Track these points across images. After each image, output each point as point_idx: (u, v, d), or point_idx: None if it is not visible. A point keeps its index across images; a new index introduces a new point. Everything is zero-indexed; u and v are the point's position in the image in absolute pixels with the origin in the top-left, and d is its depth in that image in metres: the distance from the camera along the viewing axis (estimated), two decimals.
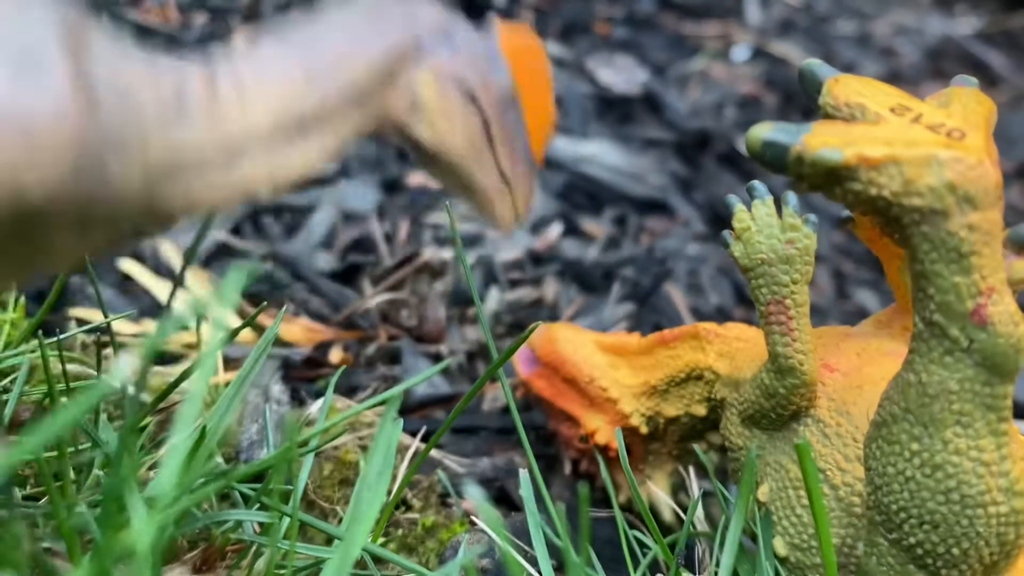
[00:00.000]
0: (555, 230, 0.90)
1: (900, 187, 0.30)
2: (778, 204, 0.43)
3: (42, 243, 0.25)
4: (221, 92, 0.27)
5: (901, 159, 0.30)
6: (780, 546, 0.42)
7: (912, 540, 0.35)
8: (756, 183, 0.43)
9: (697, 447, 0.48)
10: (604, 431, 0.52)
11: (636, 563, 0.44)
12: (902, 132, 0.30)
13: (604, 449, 0.53)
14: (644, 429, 0.52)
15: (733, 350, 0.48)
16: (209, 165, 0.27)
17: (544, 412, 0.59)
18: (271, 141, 0.27)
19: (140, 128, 0.26)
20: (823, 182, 0.30)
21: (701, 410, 0.50)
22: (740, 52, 1.51)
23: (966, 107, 0.32)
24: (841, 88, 0.33)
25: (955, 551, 0.34)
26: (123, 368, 0.23)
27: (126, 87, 0.25)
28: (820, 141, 0.30)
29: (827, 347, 0.43)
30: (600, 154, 1.04)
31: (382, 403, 0.38)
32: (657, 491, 0.53)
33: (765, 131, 0.31)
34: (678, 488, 0.55)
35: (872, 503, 0.36)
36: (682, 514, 0.53)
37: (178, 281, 0.45)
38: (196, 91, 0.27)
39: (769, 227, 0.41)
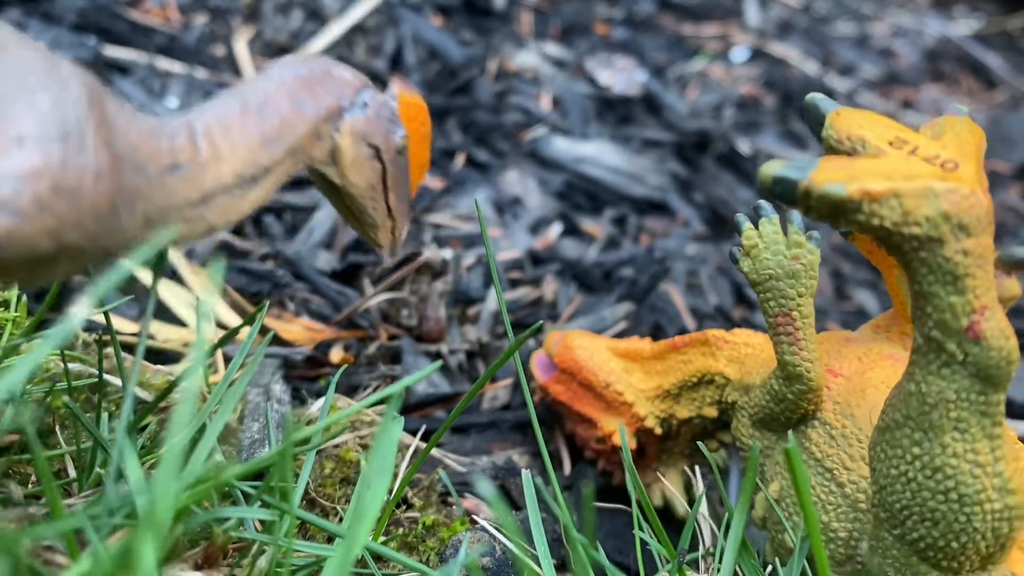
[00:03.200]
0: (555, 230, 0.90)
1: (900, 217, 0.32)
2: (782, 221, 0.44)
3: (46, 271, 0.30)
4: (201, 153, 0.33)
5: (901, 192, 0.32)
6: (790, 540, 0.44)
7: (915, 535, 0.37)
8: (762, 202, 0.45)
9: (703, 445, 0.49)
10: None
11: (645, 557, 0.44)
12: (901, 165, 0.32)
13: (621, 450, 0.54)
14: (659, 430, 0.54)
15: (742, 355, 0.50)
16: (188, 208, 0.33)
17: (561, 415, 0.60)
18: (232, 189, 0.34)
19: (145, 181, 0.31)
20: (829, 213, 0.32)
21: (712, 412, 0.52)
22: (739, 53, 1.51)
23: (959, 137, 0.34)
24: (843, 122, 0.35)
25: (954, 544, 0.36)
26: (80, 308, 0.25)
27: (134, 146, 0.30)
28: (826, 177, 0.32)
29: (830, 352, 0.45)
30: (600, 154, 1.04)
31: (382, 402, 0.38)
32: (671, 487, 0.55)
33: (776, 168, 0.33)
34: (690, 484, 0.57)
35: (877, 501, 0.39)
36: (688, 508, 0.54)
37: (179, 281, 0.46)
38: (184, 149, 0.33)
39: (776, 244, 0.44)
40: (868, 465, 0.40)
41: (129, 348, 0.58)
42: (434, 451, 0.58)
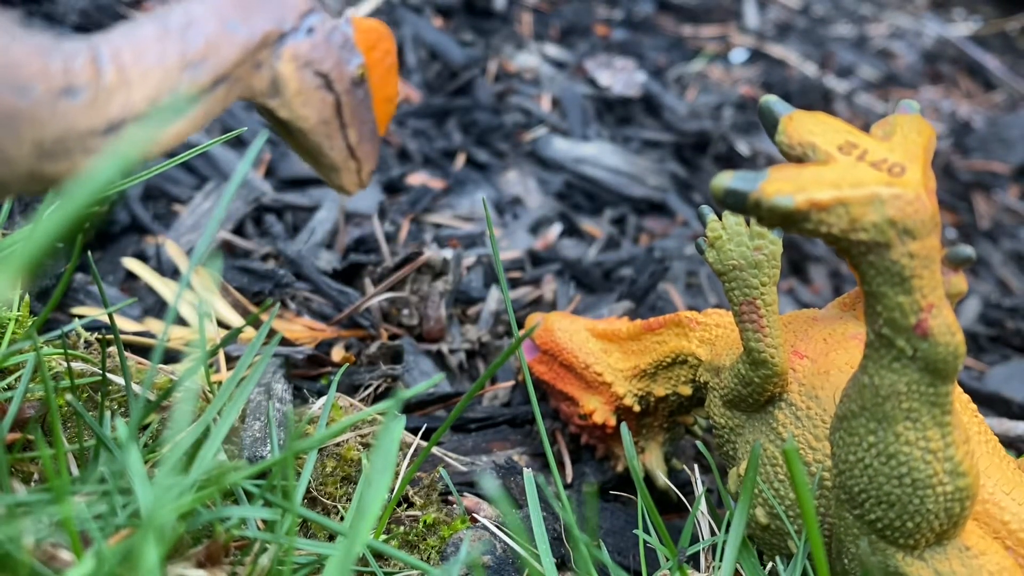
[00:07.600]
0: (555, 230, 0.90)
1: (847, 224, 0.33)
2: None
3: None
4: (105, 76, 0.29)
5: (847, 200, 0.33)
6: (761, 515, 0.46)
7: (872, 516, 0.39)
8: (703, 207, 0.47)
9: (705, 450, 0.50)
10: (601, 411, 0.57)
11: (645, 555, 0.44)
12: (848, 172, 0.34)
13: (602, 427, 0.57)
14: (637, 408, 0.56)
15: (713, 337, 0.52)
16: (91, 137, 0.29)
17: (545, 392, 0.62)
18: (147, 118, 0.30)
19: (29, 104, 0.27)
20: (780, 223, 0.34)
21: (687, 390, 0.54)
22: (738, 54, 1.51)
23: (907, 138, 0.35)
24: (794, 127, 0.36)
25: (909, 524, 0.39)
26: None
27: (14, 64, 0.27)
28: (774, 188, 0.33)
29: (797, 333, 0.47)
30: (599, 155, 1.04)
31: (385, 405, 0.39)
32: (651, 461, 0.58)
33: (726, 180, 0.33)
34: (670, 456, 0.60)
35: (838, 484, 0.41)
36: (670, 485, 0.56)
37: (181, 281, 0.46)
38: (83, 73, 0.28)
39: (739, 235, 0.45)
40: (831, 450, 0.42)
41: (128, 347, 0.59)
42: (435, 450, 0.58)
